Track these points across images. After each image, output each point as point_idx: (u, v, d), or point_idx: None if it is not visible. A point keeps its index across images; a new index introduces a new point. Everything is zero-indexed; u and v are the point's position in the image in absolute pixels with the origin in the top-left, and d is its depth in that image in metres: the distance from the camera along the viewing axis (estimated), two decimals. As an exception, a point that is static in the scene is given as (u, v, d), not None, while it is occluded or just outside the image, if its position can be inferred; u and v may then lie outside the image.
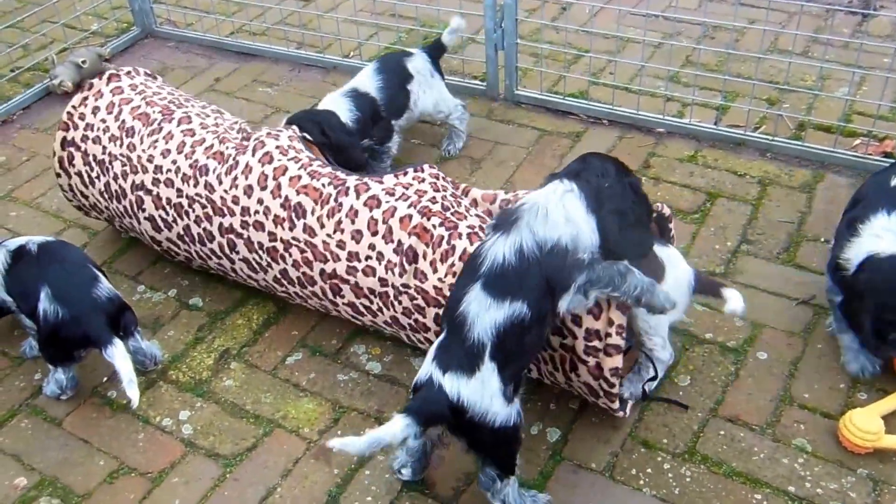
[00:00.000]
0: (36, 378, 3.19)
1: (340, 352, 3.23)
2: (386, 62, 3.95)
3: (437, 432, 2.52)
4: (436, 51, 4.11)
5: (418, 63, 3.99)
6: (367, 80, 3.84)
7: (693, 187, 3.90)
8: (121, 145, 3.39)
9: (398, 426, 2.28)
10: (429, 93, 4.00)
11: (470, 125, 4.36)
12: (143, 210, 3.36)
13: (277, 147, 3.19)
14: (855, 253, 2.88)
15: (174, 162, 3.28)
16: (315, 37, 5.17)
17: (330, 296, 3.05)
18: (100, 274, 3.03)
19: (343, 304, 3.05)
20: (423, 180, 3.02)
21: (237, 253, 3.20)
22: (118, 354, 2.80)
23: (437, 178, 3.06)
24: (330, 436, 2.90)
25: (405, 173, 3.05)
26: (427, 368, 2.40)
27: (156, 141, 3.34)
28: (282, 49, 5.19)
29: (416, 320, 2.90)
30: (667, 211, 2.94)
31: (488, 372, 2.34)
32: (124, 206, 3.42)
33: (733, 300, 2.80)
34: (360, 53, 5.02)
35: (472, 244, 2.77)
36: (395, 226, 2.90)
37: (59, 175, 3.59)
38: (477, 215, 2.96)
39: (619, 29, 4.76)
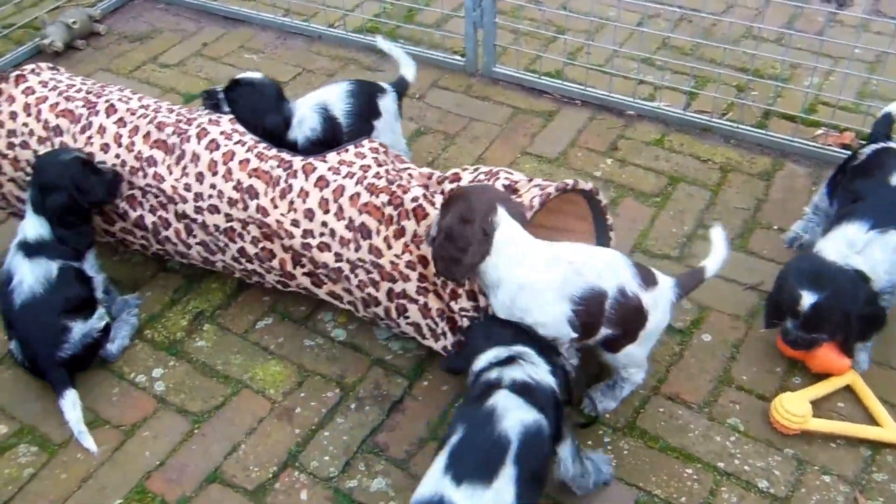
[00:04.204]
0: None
1: (308, 318, 3.40)
2: (359, 90, 3.72)
3: None
4: (402, 89, 3.90)
5: (388, 103, 3.78)
6: (338, 102, 3.63)
7: (657, 171, 4.04)
8: (52, 146, 3.37)
9: None
10: (388, 135, 3.78)
11: (446, 99, 4.50)
12: None
13: (221, 133, 3.25)
14: (822, 244, 3.06)
15: (117, 156, 3.30)
16: (301, 5, 5.26)
17: (289, 267, 3.18)
18: (71, 325, 3.04)
19: (302, 273, 3.19)
20: (365, 155, 3.15)
21: (194, 237, 3.28)
22: (67, 405, 2.97)
23: (378, 153, 3.18)
24: (294, 398, 3.09)
25: (346, 150, 3.17)
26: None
27: (90, 137, 3.34)
28: (269, 16, 5.27)
29: (369, 294, 3.06)
30: (588, 186, 2.94)
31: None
32: None
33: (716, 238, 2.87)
34: (345, 24, 5.12)
35: (418, 223, 2.92)
36: (345, 204, 3.03)
37: None
38: (418, 185, 3.06)
39: (597, 10, 4.86)
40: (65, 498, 2.82)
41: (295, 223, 3.08)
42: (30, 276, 3.06)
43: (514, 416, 2.32)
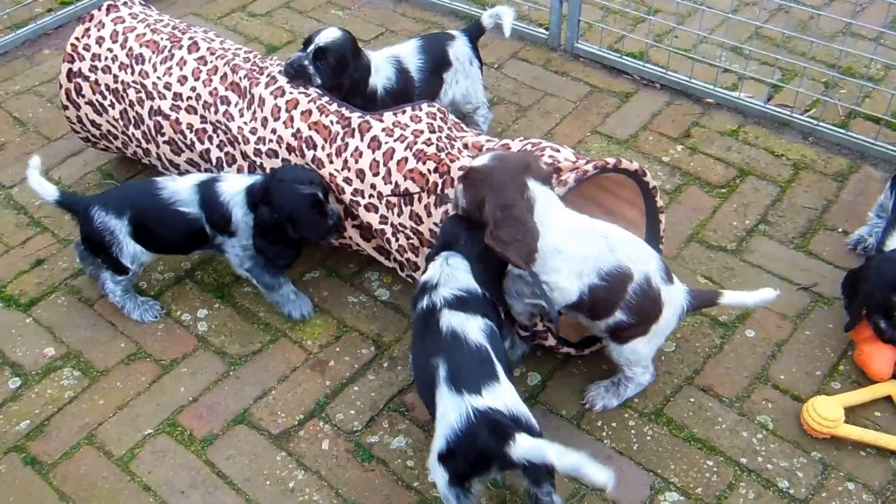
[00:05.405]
0: (76, 262, 3.46)
1: (355, 276, 3.45)
2: (429, 44, 3.78)
3: None
4: (476, 33, 3.91)
5: (459, 49, 3.82)
6: (410, 57, 3.70)
7: (727, 162, 3.95)
8: (132, 73, 3.51)
9: None
10: (462, 81, 3.83)
11: (524, 71, 4.48)
12: (163, 134, 3.48)
13: (289, 81, 3.33)
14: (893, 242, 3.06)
15: (193, 89, 3.41)
16: (391, -35, 5.28)
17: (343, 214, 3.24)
18: (103, 216, 3.12)
19: (352, 226, 3.24)
20: (420, 119, 3.14)
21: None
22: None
23: (434, 118, 3.16)
24: (329, 351, 3.14)
25: (403, 111, 3.17)
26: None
27: (170, 68, 3.46)
28: (359, -27, 5.29)
29: (407, 259, 3.09)
30: (634, 166, 2.89)
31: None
32: (142, 132, 3.55)
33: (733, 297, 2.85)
34: (434, -12, 5.13)
35: None
36: (392, 168, 3.06)
37: (66, 108, 3.69)
38: (468, 156, 3.06)
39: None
40: (99, 422, 2.94)
41: (347, 181, 3.13)
42: (172, 181, 3.18)
43: (473, 326, 2.48)
